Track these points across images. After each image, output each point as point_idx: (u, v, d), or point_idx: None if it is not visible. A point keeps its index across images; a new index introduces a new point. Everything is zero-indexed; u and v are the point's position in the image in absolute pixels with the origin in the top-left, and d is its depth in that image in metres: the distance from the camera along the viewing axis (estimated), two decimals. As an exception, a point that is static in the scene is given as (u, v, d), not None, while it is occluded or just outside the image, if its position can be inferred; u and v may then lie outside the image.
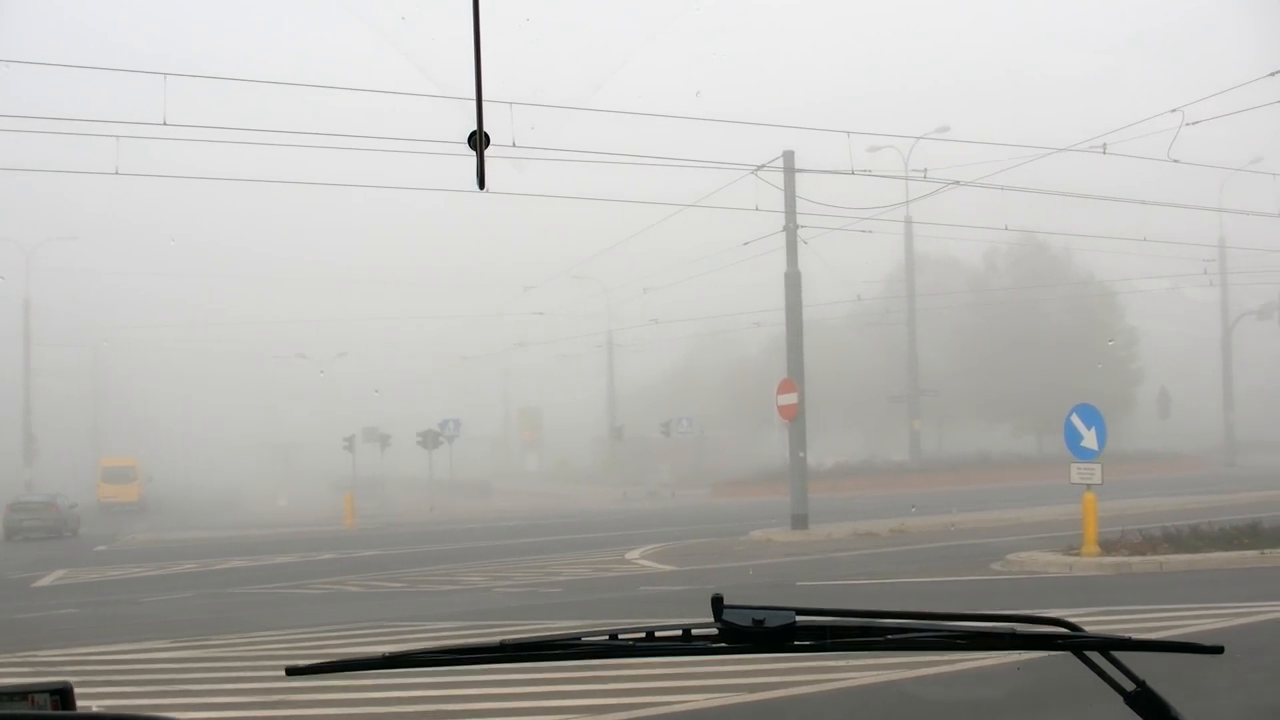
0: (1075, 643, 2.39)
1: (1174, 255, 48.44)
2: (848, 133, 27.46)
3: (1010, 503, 36.70)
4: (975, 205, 37.66)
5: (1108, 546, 20.68)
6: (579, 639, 2.40)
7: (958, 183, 30.92)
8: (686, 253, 50.79)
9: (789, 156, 30.82)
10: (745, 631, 2.28)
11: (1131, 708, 2.35)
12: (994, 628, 2.48)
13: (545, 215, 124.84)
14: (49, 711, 2.56)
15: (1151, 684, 2.34)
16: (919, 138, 43.08)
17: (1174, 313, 66.96)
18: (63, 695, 2.57)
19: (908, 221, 49.29)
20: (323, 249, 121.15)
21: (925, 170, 31.31)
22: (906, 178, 35.31)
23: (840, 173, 28.51)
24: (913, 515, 31.29)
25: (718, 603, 2.32)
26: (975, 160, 31.23)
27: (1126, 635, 2.42)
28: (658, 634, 2.41)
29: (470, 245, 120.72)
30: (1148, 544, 20.67)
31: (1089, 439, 20.36)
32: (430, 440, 55.41)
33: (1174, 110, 27.40)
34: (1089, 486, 20.42)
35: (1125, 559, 20.00)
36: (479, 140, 3.04)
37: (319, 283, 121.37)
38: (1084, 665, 2.45)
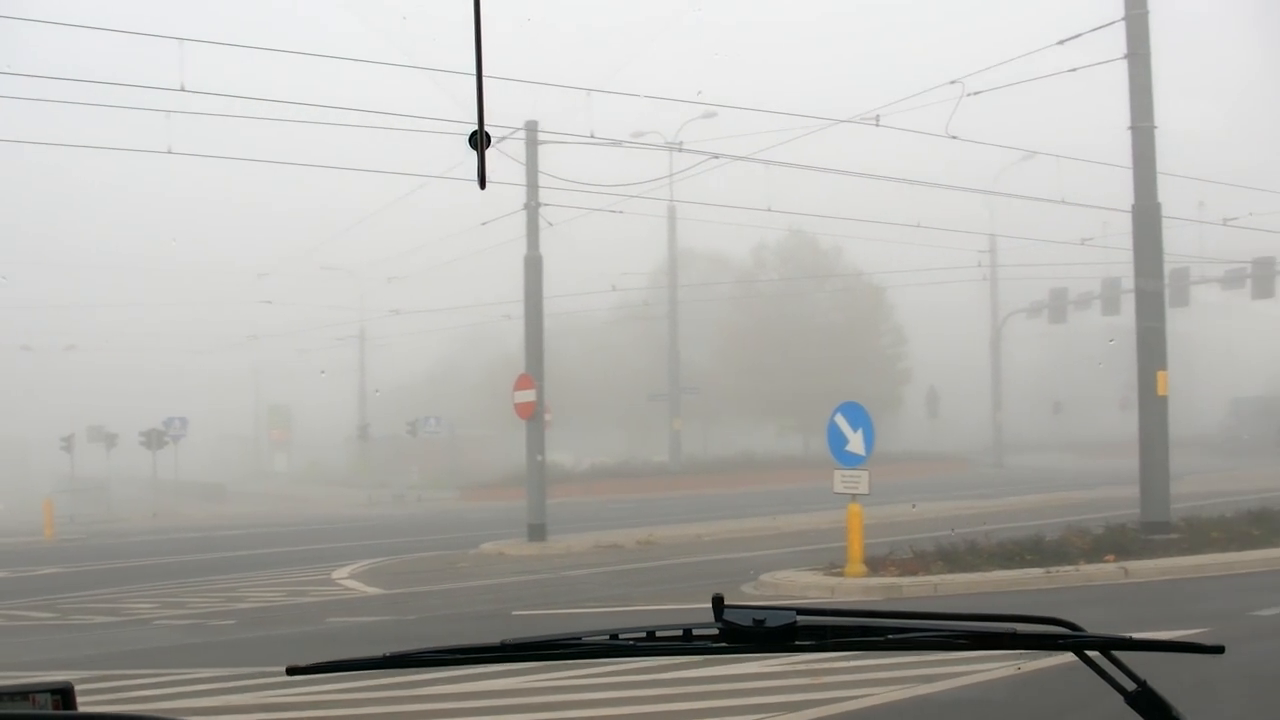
0: (1076, 642, 2.43)
1: (949, 246, 46.91)
2: (588, 90, 24.31)
3: (774, 508, 34.08)
4: (745, 188, 34.85)
5: (875, 565, 17.87)
6: (579, 639, 2.42)
7: (716, 156, 27.98)
8: (432, 237, 47.14)
9: (531, 127, 27.60)
10: (746, 631, 2.32)
11: (1132, 708, 2.37)
12: (994, 628, 2.50)
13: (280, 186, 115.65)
14: (49, 711, 2.59)
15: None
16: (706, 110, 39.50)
17: (945, 308, 65.93)
18: (64, 695, 2.61)
19: (670, 201, 46.23)
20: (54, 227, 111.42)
21: (681, 143, 28.33)
22: (670, 149, 32.23)
23: (580, 141, 25.40)
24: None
25: (718, 602, 2.36)
26: (748, 132, 28.62)
27: (1127, 635, 2.41)
28: (659, 634, 2.44)
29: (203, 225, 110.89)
30: (920, 561, 17.87)
31: (855, 442, 17.43)
32: (154, 440, 50.81)
33: (953, 81, 25.14)
34: (854, 497, 17.47)
35: (895, 580, 17.18)
36: (479, 140, 2.83)
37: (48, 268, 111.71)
38: (1085, 665, 2.49)
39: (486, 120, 2.78)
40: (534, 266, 27.60)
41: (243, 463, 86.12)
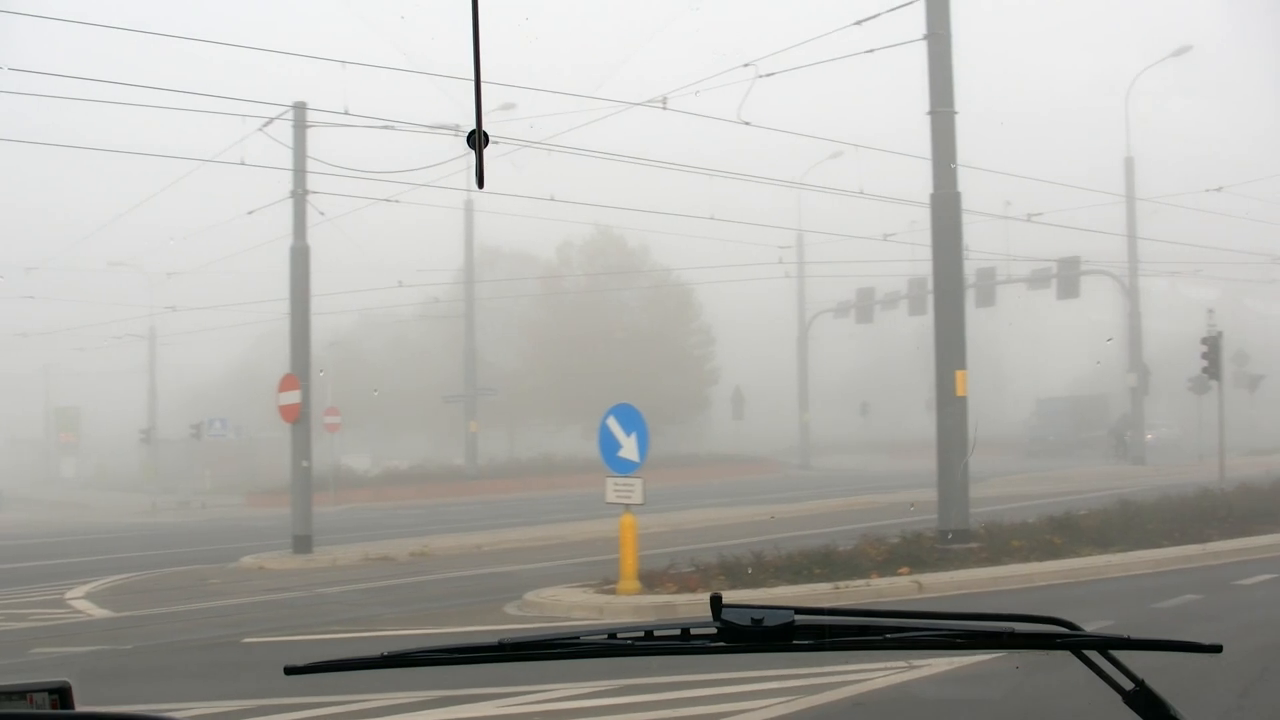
0: (1074, 642, 2.45)
1: (756, 242, 45.84)
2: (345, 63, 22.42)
3: (566, 514, 32.45)
4: (548, 181, 33.12)
5: (652, 580, 16.29)
6: (578, 638, 2.44)
7: (498, 141, 26.18)
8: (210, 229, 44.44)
9: (299, 109, 25.58)
10: (744, 631, 2.33)
11: (1130, 707, 2.38)
12: (993, 627, 2.52)
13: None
14: (49, 711, 2.59)
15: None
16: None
17: (753, 307, 65.23)
18: (62, 694, 2.60)
19: (467, 192, 44.17)
20: None
21: (458, 126, 26.55)
22: (453, 133, 30.30)
23: (347, 124, 23.49)
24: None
25: (716, 601, 2.37)
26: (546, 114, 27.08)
27: (1125, 635, 2.42)
28: (656, 633, 2.45)
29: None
30: (700, 577, 16.32)
31: (628, 447, 15.79)
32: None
33: (747, 65, 23.86)
34: (628, 507, 15.83)
35: (670, 598, 15.60)
36: (478, 140, 2.89)
37: None
38: (1083, 664, 2.50)
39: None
40: (300, 258, 25.48)
41: (34, 468, 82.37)
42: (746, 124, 24.14)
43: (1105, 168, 48.54)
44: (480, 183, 2.98)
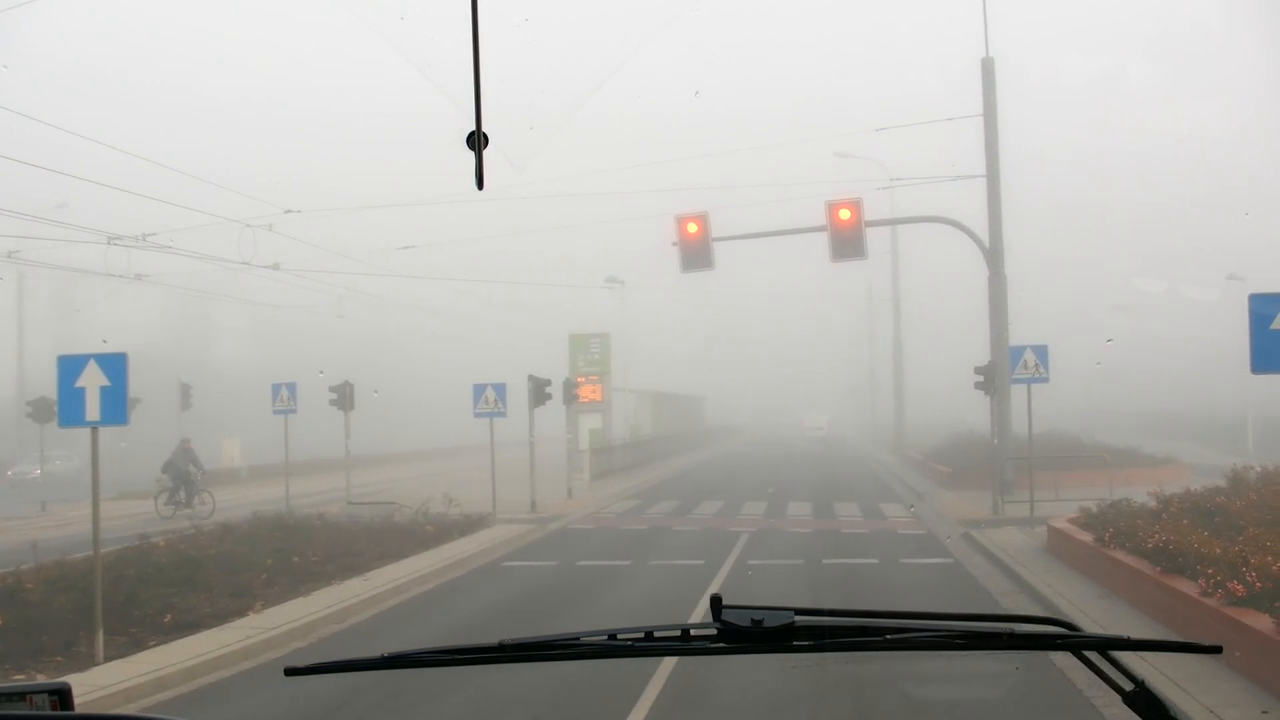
0: (1074, 642, 2.47)
1: None
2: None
3: None
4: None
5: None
6: (578, 639, 2.45)
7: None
8: None
9: None
10: (744, 631, 2.33)
11: (1130, 707, 2.36)
12: (993, 628, 2.54)
13: None
14: (48, 712, 2.56)
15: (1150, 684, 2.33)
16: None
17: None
18: (62, 696, 2.58)
19: None
20: None
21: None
22: None
23: None
24: None
25: (716, 602, 2.37)
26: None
27: (1125, 635, 2.45)
28: (657, 634, 2.45)
29: None
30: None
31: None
32: None
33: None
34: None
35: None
36: (478, 140, 2.93)
37: None
38: (1083, 665, 2.52)
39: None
40: None
41: None
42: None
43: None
44: (480, 184, 2.93)
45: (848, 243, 30.25)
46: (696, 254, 30.51)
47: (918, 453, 52.20)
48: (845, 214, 29.96)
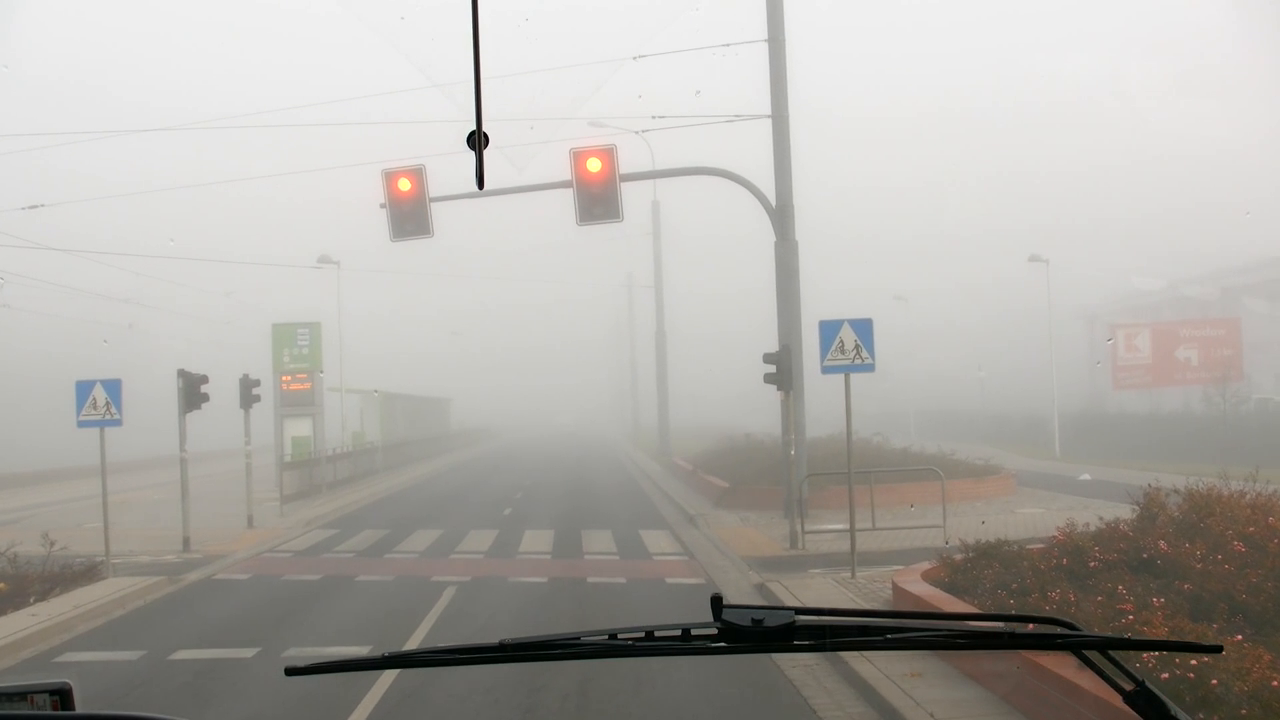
0: (1075, 642, 2.46)
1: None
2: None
3: None
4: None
5: None
6: (578, 639, 2.42)
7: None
8: None
9: None
10: (744, 631, 2.29)
11: (1131, 707, 2.31)
12: (994, 627, 2.53)
13: None
14: (49, 712, 2.55)
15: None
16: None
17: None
18: (62, 695, 2.56)
19: None
20: None
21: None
22: None
23: None
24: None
25: (717, 602, 2.33)
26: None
27: (1126, 635, 3.12)
28: (657, 634, 2.41)
29: None
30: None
31: None
32: None
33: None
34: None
35: None
36: (478, 140, 2.90)
37: None
38: (1084, 665, 2.50)
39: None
40: None
41: None
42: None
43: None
44: (480, 183, 2.92)
45: (598, 201, 25.30)
46: (409, 217, 25.50)
47: (686, 461, 45.57)
48: (595, 164, 25.16)
